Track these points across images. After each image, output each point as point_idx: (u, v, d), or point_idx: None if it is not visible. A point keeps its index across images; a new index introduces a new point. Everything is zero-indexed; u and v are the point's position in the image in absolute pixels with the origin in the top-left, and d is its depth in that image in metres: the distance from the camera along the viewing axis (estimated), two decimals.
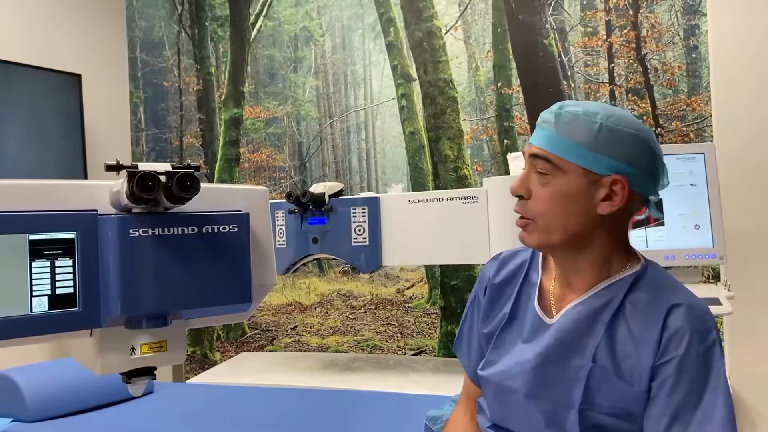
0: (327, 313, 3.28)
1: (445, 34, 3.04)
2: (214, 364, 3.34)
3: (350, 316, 3.23)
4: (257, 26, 3.44)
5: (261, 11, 3.43)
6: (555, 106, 1.12)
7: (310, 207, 2.24)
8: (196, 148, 3.55)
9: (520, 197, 1.13)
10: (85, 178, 3.11)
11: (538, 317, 1.17)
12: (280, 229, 2.35)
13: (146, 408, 2.13)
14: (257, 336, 3.40)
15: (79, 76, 3.14)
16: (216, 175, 3.49)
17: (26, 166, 2.91)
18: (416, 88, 3.09)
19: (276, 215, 2.35)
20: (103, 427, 1.93)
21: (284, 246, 2.34)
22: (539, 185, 1.10)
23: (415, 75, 3.10)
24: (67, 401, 2.01)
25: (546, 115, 1.12)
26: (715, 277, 2.48)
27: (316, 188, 2.26)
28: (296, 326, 3.33)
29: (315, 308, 3.31)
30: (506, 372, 1.18)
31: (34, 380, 1.99)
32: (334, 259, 2.38)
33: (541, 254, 1.25)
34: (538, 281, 1.21)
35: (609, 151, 1.06)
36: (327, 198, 2.24)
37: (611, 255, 1.13)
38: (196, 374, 3.00)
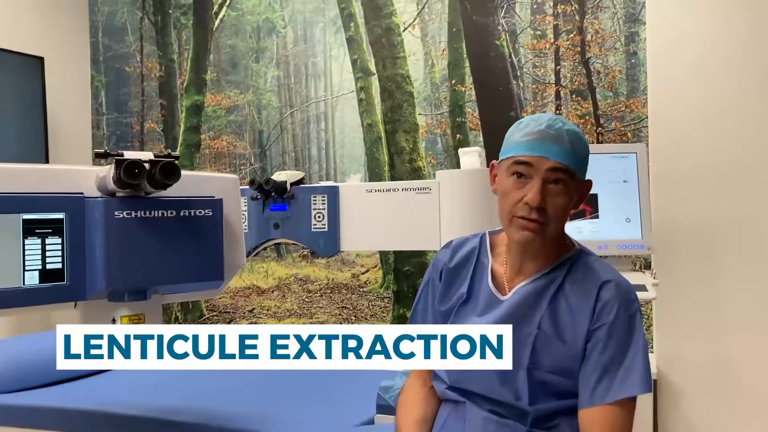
0: (284, 296, 3.40)
1: (404, 31, 3.18)
2: None
3: (306, 299, 3.36)
4: (220, 15, 3.52)
5: (224, 1, 3.50)
6: (555, 123, 1.25)
7: (272, 194, 2.35)
8: (157, 134, 3.61)
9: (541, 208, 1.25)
10: (47, 160, 3.15)
11: (492, 295, 1.34)
12: (243, 214, 2.45)
13: (111, 381, 2.23)
14: (215, 318, 3.50)
15: (41, 58, 3.17)
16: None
17: None
18: (375, 82, 3.22)
19: None
20: (70, 398, 2.01)
21: (246, 230, 2.44)
22: (553, 195, 1.24)
23: (373, 69, 3.23)
24: (35, 374, 2.08)
25: (553, 133, 1.24)
26: (647, 266, 2.69)
27: (278, 176, 2.36)
28: (253, 309, 3.44)
29: (272, 292, 3.42)
30: None
31: (3, 353, 2.07)
32: (293, 244, 2.49)
33: (488, 241, 1.42)
34: (490, 264, 1.38)
35: (586, 163, 1.30)
36: (288, 186, 2.35)
37: (559, 243, 1.34)
38: None
